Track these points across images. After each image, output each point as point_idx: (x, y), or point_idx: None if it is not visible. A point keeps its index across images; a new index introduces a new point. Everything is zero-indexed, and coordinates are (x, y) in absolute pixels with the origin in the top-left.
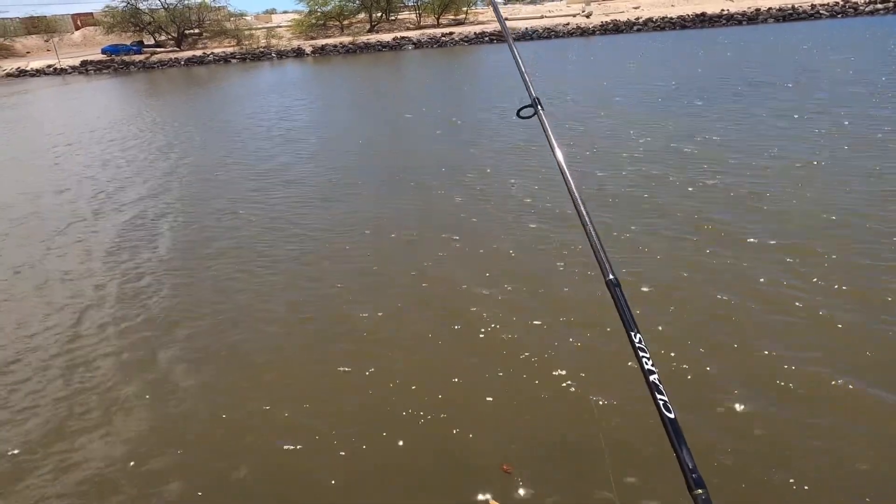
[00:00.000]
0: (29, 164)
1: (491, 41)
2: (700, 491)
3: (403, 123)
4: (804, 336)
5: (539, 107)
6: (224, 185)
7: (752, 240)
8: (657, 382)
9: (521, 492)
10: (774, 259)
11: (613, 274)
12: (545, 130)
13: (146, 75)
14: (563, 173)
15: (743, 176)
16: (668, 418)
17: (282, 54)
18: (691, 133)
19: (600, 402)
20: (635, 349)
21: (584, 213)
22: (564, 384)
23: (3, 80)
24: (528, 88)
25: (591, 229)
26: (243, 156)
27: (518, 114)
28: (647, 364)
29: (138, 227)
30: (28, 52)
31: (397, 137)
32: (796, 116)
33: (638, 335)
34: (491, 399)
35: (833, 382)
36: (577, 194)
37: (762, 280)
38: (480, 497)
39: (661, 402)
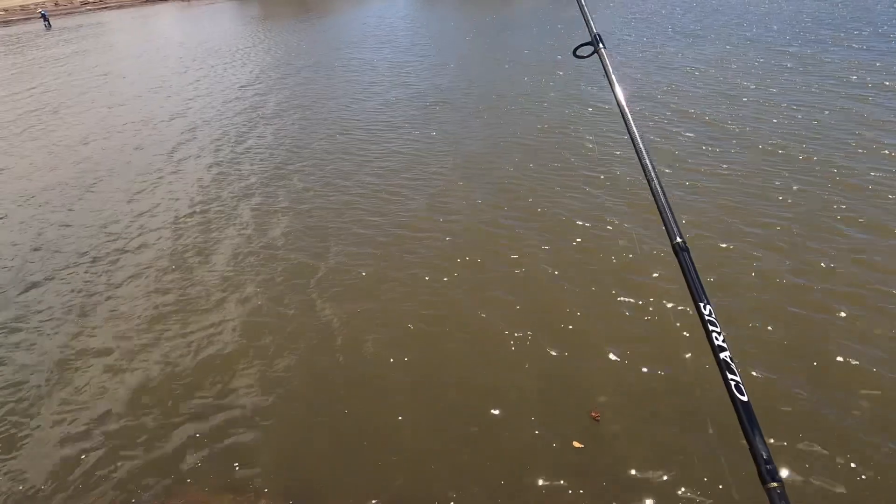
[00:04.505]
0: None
1: None
2: (775, 484)
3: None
4: None
5: (600, 45)
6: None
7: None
8: (728, 361)
9: (607, 439)
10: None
11: (682, 236)
12: (607, 72)
13: (260, 1)
14: (626, 121)
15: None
16: (741, 401)
17: None
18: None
19: (698, 364)
20: (704, 322)
21: (650, 166)
22: (666, 339)
23: (135, 1)
24: (587, 23)
25: (657, 184)
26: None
27: (574, 52)
28: (717, 339)
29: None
30: None
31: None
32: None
33: (708, 306)
34: (590, 345)
35: None
36: (641, 145)
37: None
38: (566, 438)
39: (732, 383)
